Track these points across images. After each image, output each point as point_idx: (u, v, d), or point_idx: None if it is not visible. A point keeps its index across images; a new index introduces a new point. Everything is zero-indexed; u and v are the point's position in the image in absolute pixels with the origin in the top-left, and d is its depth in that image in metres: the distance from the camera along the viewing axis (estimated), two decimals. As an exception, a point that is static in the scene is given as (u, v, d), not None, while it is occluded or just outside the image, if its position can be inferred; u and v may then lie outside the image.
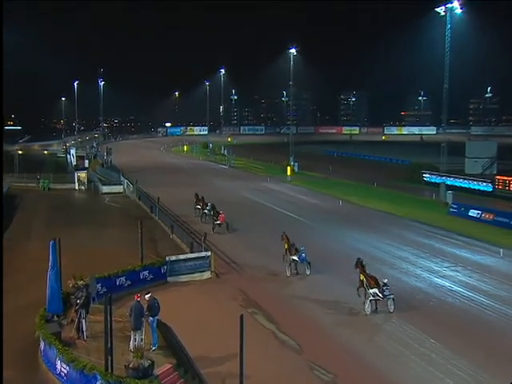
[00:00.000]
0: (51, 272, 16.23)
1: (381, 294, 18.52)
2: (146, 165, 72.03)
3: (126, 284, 20.03)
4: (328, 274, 23.06)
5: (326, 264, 24.45)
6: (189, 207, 36.85)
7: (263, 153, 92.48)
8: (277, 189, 50.92)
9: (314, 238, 29.64)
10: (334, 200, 43.32)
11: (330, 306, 19.41)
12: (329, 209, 39.87)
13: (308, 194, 47.78)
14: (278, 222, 34.40)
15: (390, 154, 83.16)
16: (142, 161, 78.42)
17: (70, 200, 45.29)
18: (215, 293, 20.83)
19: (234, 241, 29.19)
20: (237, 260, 25.33)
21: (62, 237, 17.71)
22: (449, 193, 41.93)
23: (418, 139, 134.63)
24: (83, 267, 19.69)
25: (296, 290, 21.23)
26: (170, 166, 73.28)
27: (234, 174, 63.97)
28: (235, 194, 46.63)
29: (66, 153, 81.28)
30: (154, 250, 26.33)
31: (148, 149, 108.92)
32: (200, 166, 74.60)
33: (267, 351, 15.79)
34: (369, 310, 18.49)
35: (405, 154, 78.69)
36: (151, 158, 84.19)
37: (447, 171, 48.51)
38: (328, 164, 69.84)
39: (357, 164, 75.46)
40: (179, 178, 51.64)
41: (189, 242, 25.82)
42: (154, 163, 74.94)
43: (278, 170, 64.12)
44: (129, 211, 38.51)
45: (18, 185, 48.31)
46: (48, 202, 42.52)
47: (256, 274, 23.34)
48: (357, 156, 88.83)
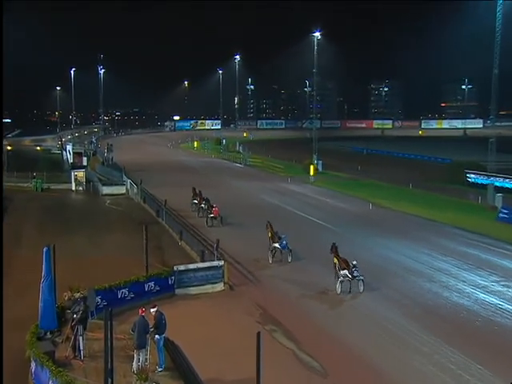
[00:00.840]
0: (44, 283, 16.31)
1: (350, 275, 22.06)
2: (152, 163, 72.47)
3: (129, 296, 20.08)
4: (353, 285, 22.83)
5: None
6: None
7: (283, 150, 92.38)
8: (298, 190, 50.81)
9: (340, 246, 29.39)
10: (362, 203, 43.09)
11: (359, 324, 19.23)
12: (357, 213, 39.67)
13: (333, 196, 47.59)
14: (300, 227, 34.27)
15: (427, 152, 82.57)
16: (147, 158, 78.93)
17: (66, 202, 45.67)
18: (229, 307, 20.78)
19: (249, 249, 29.13)
20: (253, 271, 25.27)
21: (56, 243, 17.79)
22: (498, 195, 41.37)
23: (460, 134, 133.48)
24: (81, 277, 19.76)
25: (320, 304, 21.09)
26: (178, 164, 73.62)
27: (250, 174, 63.99)
28: (251, 196, 46.60)
29: (62, 149, 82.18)
30: (161, 259, 26.38)
31: (154, 145, 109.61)
32: (212, 165, 74.80)
33: (287, 374, 15.69)
34: (339, 289, 22.15)
35: (445, 151, 78.11)
36: (157, 156, 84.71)
37: (496, 171, 47.87)
38: (356, 163, 69.50)
39: (389, 163, 74.99)
40: (189, 178, 51.79)
41: (199, 249, 25.84)
42: (160, 161, 75.37)
43: (300, 170, 63.98)
44: (132, 215, 38.69)
45: (8, 184, 48.56)
46: (41, 205, 42.93)
47: (275, 286, 23.25)
48: (389, 154, 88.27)
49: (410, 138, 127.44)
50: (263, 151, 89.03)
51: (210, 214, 34.89)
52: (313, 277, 24.32)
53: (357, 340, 17.93)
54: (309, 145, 69.33)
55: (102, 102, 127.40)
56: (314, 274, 24.90)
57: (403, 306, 20.87)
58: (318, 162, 65.16)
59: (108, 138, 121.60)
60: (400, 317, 19.75)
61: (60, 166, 66.57)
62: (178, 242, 30.09)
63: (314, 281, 23.66)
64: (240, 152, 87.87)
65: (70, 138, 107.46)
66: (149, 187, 46.68)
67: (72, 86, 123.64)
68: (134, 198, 46.04)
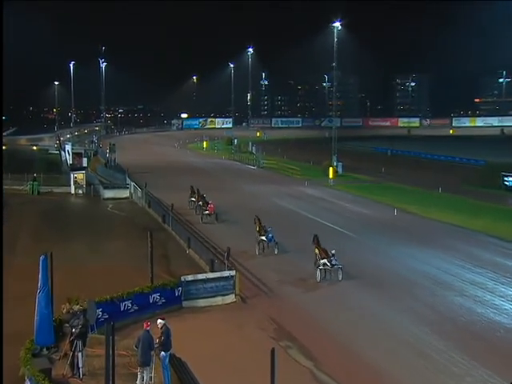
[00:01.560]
0: (41, 294, 16.34)
1: (329, 264, 25.16)
2: (158, 165, 72.73)
3: (133, 309, 20.12)
4: (377, 300, 22.75)
5: (375, 286, 24.23)
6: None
7: (299, 151, 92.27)
8: (316, 194, 50.72)
9: (361, 255, 29.37)
10: (387, 209, 42.90)
11: (384, 341, 19.10)
12: (381, 220, 39.49)
13: (355, 201, 47.43)
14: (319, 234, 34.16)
15: (459, 153, 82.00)
16: (152, 160, 79.23)
17: (65, 206, 45.91)
18: (240, 321, 20.75)
19: (263, 258, 29.09)
20: (266, 281, 25.23)
21: (54, 251, 17.87)
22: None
23: (497, 133, 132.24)
24: (80, 288, 19.84)
25: (341, 318, 20.99)
26: (186, 166, 73.81)
27: (263, 177, 63.99)
28: (265, 201, 46.57)
29: (60, 149, 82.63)
30: (167, 268, 26.42)
31: (160, 145, 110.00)
32: (223, 167, 74.88)
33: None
34: (319, 277, 25.14)
35: (479, 152, 77.55)
36: (163, 157, 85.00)
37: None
38: (380, 165, 69.23)
39: (416, 165, 74.61)
40: (197, 181, 51.73)
41: (209, 258, 25.85)
42: (166, 163, 75.63)
43: (318, 172, 63.85)
44: (136, 221, 38.81)
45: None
46: (38, 209, 43.19)
47: (290, 298, 23.19)
48: (416, 155, 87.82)
49: (439, 137, 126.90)
50: (278, 152, 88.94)
51: (205, 210, 37.96)
52: (338, 295, 24.23)
53: (381, 359, 17.79)
54: (328, 145, 69.20)
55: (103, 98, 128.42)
56: (338, 290, 24.80)
57: (432, 321, 20.69)
58: (338, 163, 64.97)
59: (110, 137, 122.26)
60: (428, 334, 19.57)
61: (58, 168, 66.94)
62: (186, 250, 30.12)
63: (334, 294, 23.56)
64: (253, 153, 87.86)
65: (68, 137, 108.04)
66: (154, 191, 46.79)
67: (71, 81, 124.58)
68: (138, 202, 46.17)
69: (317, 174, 63.21)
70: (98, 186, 51.79)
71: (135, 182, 49.91)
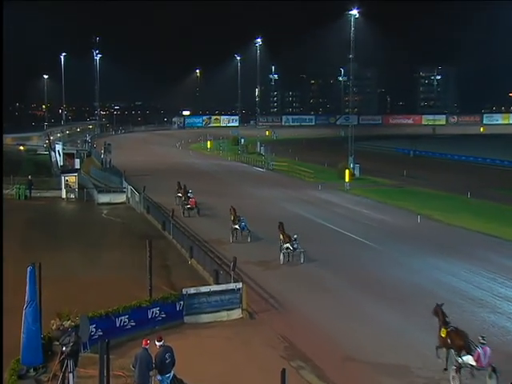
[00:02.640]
0: (28, 309, 16.34)
1: (291, 248, 29.48)
2: (157, 166, 72.92)
3: (130, 325, 20.07)
4: (399, 316, 22.63)
5: (397, 301, 24.11)
6: (221, 224, 37.76)
7: (312, 151, 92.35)
8: (331, 200, 50.66)
9: (381, 267, 29.27)
10: (409, 216, 42.82)
11: (410, 363, 18.98)
12: (402, 227, 39.40)
13: (374, 207, 47.37)
14: (330, 243, 34.14)
15: (490, 153, 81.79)
16: (151, 161, 79.47)
17: (55, 212, 46.05)
18: (248, 339, 20.69)
19: (277, 270, 29.05)
20: (276, 294, 25.18)
21: (43, 261, 17.85)
22: None
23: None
24: (72, 302, 19.81)
25: (360, 336, 20.88)
26: (188, 168, 73.94)
27: (273, 180, 64.00)
28: (275, 207, 46.54)
29: (50, 149, 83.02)
30: (167, 280, 26.43)
31: (159, 145, 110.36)
32: (228, 169, 74.97)
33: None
34: (282, 260, 29.51)
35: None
36: (164, 158, 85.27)
37: None
38: (401, 167, 69.15)
39: (442, 167, 74.50)
40: (201, 185, 51.89)
41: (213, 269, 25.82)
42: (167, 164, 75.83)
43: (333, 175, 63.81)
44: (133, 228, 38.87)
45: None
46: (25, 215, 43.28)
47: (303, 313, 23.12)
48: (442, 156, 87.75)
49: (468, 136, 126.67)
50: (289, 153, 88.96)
51: (186, 204, 42.04)
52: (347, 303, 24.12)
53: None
54: (344, 145, 69.25)
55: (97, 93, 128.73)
56: (358, 306, 24.70)
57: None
58: (355, 165, 64.91)
59: (105, 136, 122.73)
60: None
61: (48, 170, 67.24)
62: (188, 260, 30.11)
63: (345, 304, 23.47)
64: (261, 154, 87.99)
65: (59, 137, 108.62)
66: (153, 195, 46.83)
67: (62, 74, 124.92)
68: (135, 207, 46.25)
69: (331, 177, 63.15)
70: (92, 189, 51.94)
71: (132, 185, 50.00)
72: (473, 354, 16.46)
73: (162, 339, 15.77)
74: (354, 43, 66.69)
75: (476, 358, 16.34)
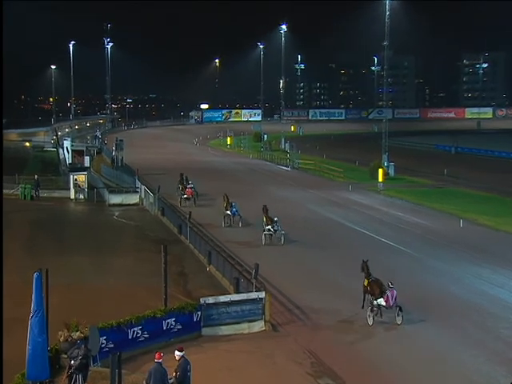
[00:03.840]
0: (34, 319, 16.43)
1: (272, 230, 34.36)
2: (173, 165, 73.06)
3: (143, 337, 20.18)
4: (441, 332, 22.51)
5: (438, 315, 23.91)
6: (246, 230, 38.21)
7: (342, 148, 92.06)
8: (362, 201, 50.49)
9: (421, 277, 29.12)
10: (450, 219, 42.57)
11: (445, 378, 18.86)
12: (442, 232, 39.11)
13: (409, 209, 47.16)
14: (362, 250, 33.86)
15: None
16: (166, 159, 79.74)
17: (63, 214, 46.40)
18: (271, 353, 20.68)
19: (298, 278, 29.04)
20: (301, 305, 25.16)
21: (50, 267, 17.96)
22: None
23: None
24: (81, 312, 19.98)
25: (395, 352, 20.80)
26: (207, 166, 74.09)
27: (299, 180, 63.89)
28: (301, 209, 46.50)
29: (58, 146, 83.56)
30: (184, 288, 26.56)
31: (175, 141, 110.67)
32: (250, 167, 74.98)
33: None
34: (263, 241, 34.36)
35: None
36: (180, 156, 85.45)
37: None
38: (441, 165, 68.67)
39: (488, 165, 73.79)
40: (220, 185, 51.95)
41: (233, 277, 25.84)
42: (184, 163, 75.86)
43: (365, 175, 63.60)
44: (147, 231, 39.09)
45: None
46: (31, 217, 43.66)
47: (330, 326, 23.05)
48: (488, 153, 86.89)
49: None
50: (316, 150, 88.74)
51: (183, 194, 46.81)
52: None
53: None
54: (377, 141, 68.90)
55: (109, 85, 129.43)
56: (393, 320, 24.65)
57: (509, 360, 20.23)
58: (389, 164, 64.61)
59: (117, 131, 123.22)
60: (505, 375, 19.05)
61: (55, 168, 67.60)
62: (206, 266, 30.20)
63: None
64: (286, 151, 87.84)
65: (68, 132, 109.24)
66: (169, 196, 46.99)
67: (71, 64, 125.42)
68: (149, 209, 46.45)
69: (363, 176, 62.94)
70: (103, 189, 52.24)
71: (146, 185, 50.20)
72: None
73: (183, 349, 15.83)
74: (388, 29, 66.22)
75: (385, 299, 22.63)
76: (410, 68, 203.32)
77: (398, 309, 22.59)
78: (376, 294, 22.87)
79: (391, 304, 22.56)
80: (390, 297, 22.53)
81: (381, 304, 22.68)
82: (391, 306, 22.61)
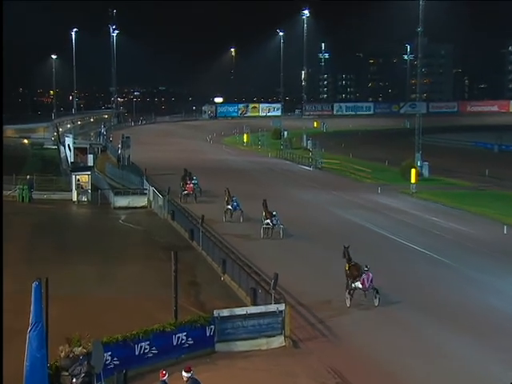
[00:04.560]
0: (32, 332, 16.51)
1: (271, 223, 37.54)
2: (184, 164, 72.95)
3: (151, 353, 20.23)
4: (481, 351, 22.39)
5: (478, 332, 23.82)
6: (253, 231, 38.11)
7: (371, 146, 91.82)
8: (393, 205, 50.38)
9: (459, 289, 29.09)
10: (492, 225, 42.45)
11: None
12: (483, 240, 38.94)
13: (446, 213, 47.06)
14: (397, 260, 33.90)
15: None
16: (177, 158, 79.84)
17: (65, 218, 46.69)
18: (291, 372, 20.66)
19: (321, 288, 29.02)
20: (325, 318, 25.14)
21: (50, 276, 18.02)
22: None
23: None
24: (84, 325, 20.05)
25: (427, 371, 20.72)
26: (221, 166, 74.23)
27: (322, 181, 63.84)
28: (324, 214, 46.48)
29: (59, 143, 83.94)
30: (196, 300, 26.65)
31: (187, 138, 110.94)
32: (268, 167, 75.02)
33: None
34: (262, 235, 37.84)
35: None
36: (192, 154, 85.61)
37: None
38: (483, 165, 68.33)
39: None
40: (236, 186, 51.79)
41: (250, 287, 25.87)
42: (196, 162, 75.89)
43: (396, 175, 63.50)
44: (156, 237, 39.25)
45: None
46: (29, 221, 43.88)
47: (357, 342, 23.03)
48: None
49: None
50: (342, 148, 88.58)
51: (184, 190, 50.01)
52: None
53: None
54: (409, 138, 68.67)
55: (114, 76, 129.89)
56: (427, 338, 24.53)
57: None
58: (423, 163, 64.38)
59: (123, 127, 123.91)
60: None
61: (56, 167, 67.95)
62: (220, 275, 30.27)
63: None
64: (308, 149, 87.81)
65: (69, 128, 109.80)
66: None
67: (73, 54, 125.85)
68: (158, 212, 46.63)
69: (394, 177, 62.87)
70: (108, 191, 52.45)
71: (155, 186, 50.37)
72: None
73: (190, 370, 15.88)
74: (423, 13, 65.86)
75: (362, 282, 26.09)
76: (448, 56, 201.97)
77: (375, 291, 26.11)
78: (354, 276, 26.49)
79: (367, 286, 26.13)
80: (365, 279, 26.05)
81: (358, 287, 26.30)
82: (367, 289, 26.23)
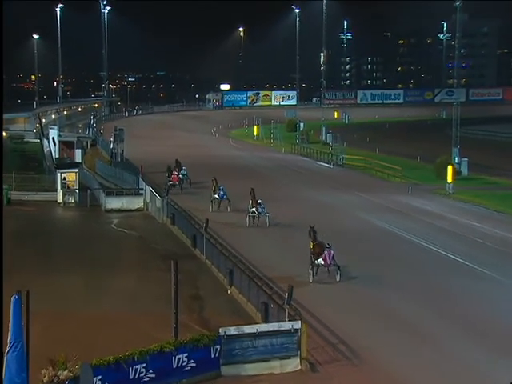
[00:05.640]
0: (11, 354, 16.54)
1: (256, 212, 42.24)
2: (186, 160, 73.05)
3: (148, 377, 20.26)
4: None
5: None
6: (266, 241, 37.97)
7: (400, 140, 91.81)
8: (426, 208, 50.36)
9: (504, 306, 28.94)
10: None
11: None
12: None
13: (489, 218, 47.01)
14: (431, 271, 33.87)
15: None
16: (177, 153, 79.65)
17: (49, 222, 46.89)
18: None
19: (345, 303, 29.08)
20: (346, 337, 25.15)
21: (32, 289, 18.07)
22: None
23: None
24: (70, 345, 20.13)
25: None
26: (228, 162, 74.26)
27: (344, 181, 63.83)
28: (347, 217, 46.58)
29: (42, 136, 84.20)
30: (199, 316, 26.69)
31: (189, 131, 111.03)
32: (282, 164, 75.07)
33: None
34: (248, 223, 42.60)
35: None
36: (194, 149, 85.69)
37: None
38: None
39: None
40: (244, 186, 51.75)
41: (261, 301, 25.88)
42: (199, 158, 76.14)
43: (429, 173, 63.46)
44: (154, 244, 39.39)
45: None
46: (9, 227, 43.70)
47: (387, 369, 23.01)
48: None
49: None
50: (366, 142, 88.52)
51: (169, 181, 54.16)
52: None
53: None
54: (445, 131, 68.50)
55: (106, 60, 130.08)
56: (471, 364, 24.54)
57: None
58: (462, 160, 64.21)
59: (116, 118, 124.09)
60: None
61: (38, 164, 68.18)
62: (227, 288, 30.31)
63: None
64: (328, 144, 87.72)
65: (54, 119, 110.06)
66: (180, 199, 47.18)
67: (58, 34, 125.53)
68: (156, 216, 46.76)
69: (427, 176, 62.86)
70: (98, 191, 52.56)
71: (153, 186, 50.43)
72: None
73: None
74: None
75: (323, 258, 31.11)
76: (491, 35, 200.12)
77: (337, 267, 31.17)
78: (317, 254, 31.41)
79: (329, 262, 31.16)
80: (327, 256, 31.03)
81: (320, 263, 31.35)
82: (329, 265, 31.29)
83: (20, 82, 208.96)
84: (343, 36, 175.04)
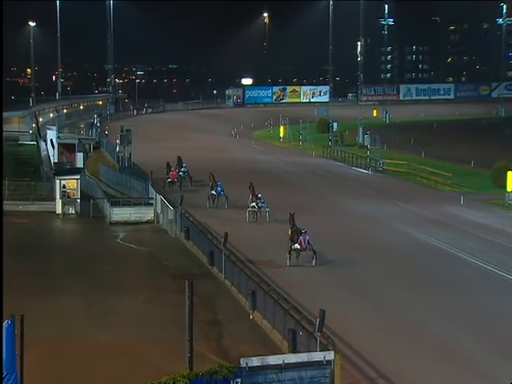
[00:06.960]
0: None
1: (256, 206, 47.02)
2: (202, 165, 73.27)
3: (158, 415, 20.36)
4: None
5: None
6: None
7: (450, 142, 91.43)
8: (481, 221, 50.08)
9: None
10: None
11: None
12: None
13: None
14: (489, 296, 33.58)
15: None
16: (193, 157, 79.67)
17: (46, 237, 47.04)
18: None
19: (384, 334, 29.04)
20: (386, 370, 25.06)
21: (28, 312, 18.25)
22: None
23: None
24: (69, 377, 20.21)
25: None
26: (250, 168, 74.20)
27: (384, 189, 63.64)
28: (386, 231, 46.46)
29: (39, 137, 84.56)
30: (217, 345, 26.73)
31: (206, 132, 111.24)
32: (312, 170, 75.01)
33: None
34: (248, 218, 47.21)
35: None
36: (212, 152, 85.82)
37: None
38: None
39: None
40: (269, 195, 52.02)
41: (288, 328, 25.89)
42: (217, 162, 76.12)
43: (485, 181, 63.20)
44: (165, 261, 39.51)
45: None
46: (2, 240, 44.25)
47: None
48: None
49: None
50: (411, 145, 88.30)
51: (167, 178, 59.16)
52: None
53: None
54: (503, 131, 68.17)
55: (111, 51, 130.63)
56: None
57: None
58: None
59: (122, 117, 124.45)
60: None
61: (34, 170, 68.47)
62: (249, 312, 30.34)
63: None
64: (366, 146, 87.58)
65: (53, 118, 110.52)
66: (196, 210, 47.29)
67: (58, 22, 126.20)
68: (168, 229, 46.86)
69: (482, 183, 62.71)
70: (102, 201, 52.72)
71: (164, 194, 50.55)
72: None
73: None
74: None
75: (299, 243, 36.69)
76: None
77: (313, 252, 36.74)
78: (294, 239, 37.05)
79: (304, 247, 36.68)
80: (302, 240, 36.55)
81: (296, 248, 36.87)
82: (305, 249, 36.77)
83: (14, 76, 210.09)
84: (384, 22, 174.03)
